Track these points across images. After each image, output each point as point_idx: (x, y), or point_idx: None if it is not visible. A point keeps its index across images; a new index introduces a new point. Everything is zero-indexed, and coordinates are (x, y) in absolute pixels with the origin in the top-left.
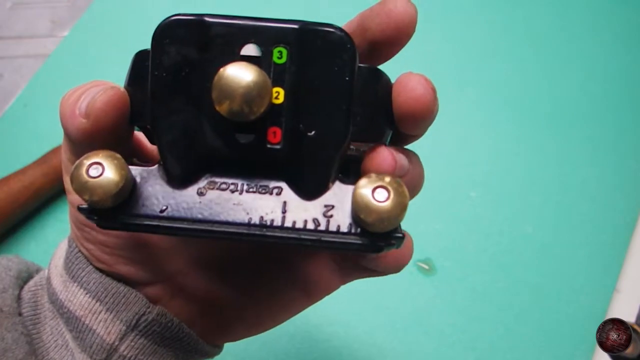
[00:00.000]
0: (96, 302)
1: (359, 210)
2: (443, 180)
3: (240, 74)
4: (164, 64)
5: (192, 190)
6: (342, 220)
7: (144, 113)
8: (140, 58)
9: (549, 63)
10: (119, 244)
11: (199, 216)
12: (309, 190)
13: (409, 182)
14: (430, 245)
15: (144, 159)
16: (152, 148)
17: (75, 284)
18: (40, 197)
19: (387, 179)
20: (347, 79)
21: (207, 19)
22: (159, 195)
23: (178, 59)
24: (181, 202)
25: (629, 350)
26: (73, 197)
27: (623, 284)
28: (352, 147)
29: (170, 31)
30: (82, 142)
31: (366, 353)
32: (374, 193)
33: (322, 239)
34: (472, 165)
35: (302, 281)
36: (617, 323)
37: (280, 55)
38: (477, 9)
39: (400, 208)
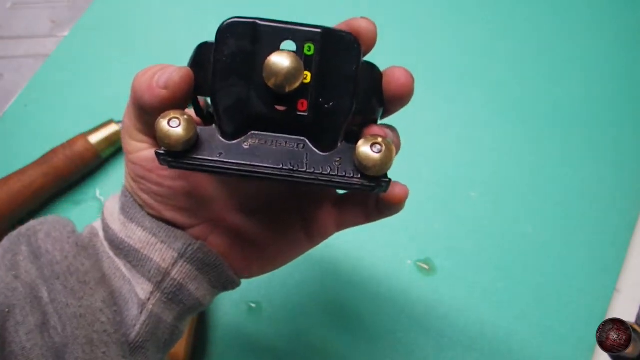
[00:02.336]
0: (152, 236)
1: (360, 159)
2: (443, 180)
3: (284, 59)
4: (224, 51)
5: (240, 142)
6: (347, 167)
7: (204, 87)
8: (202, 48)
9: (549, 63)
10: (169, 193)
11: (245, 160)
12: (325, 145)
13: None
14: (430, 245)
15: None
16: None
17: (134, 224)
18: (40, 197)
19: (379, 139)
20: (354, 68)
21: (258, 22)
22: (216, 144)
23: (235, 49)
24: (232, 149)
25: (629, 350)
26: (134, 156)
27: (623, 284)
28: (353, 128)
29: (231, 29)
30: (158, 108)
31: (366, 353)
32: (372, 147)
33: (333, 180)
34: (472, 165)
35: (308, 225)
36: (617, 323)
37: (309, 49)
38: (478, 9)
39: (388, 158)
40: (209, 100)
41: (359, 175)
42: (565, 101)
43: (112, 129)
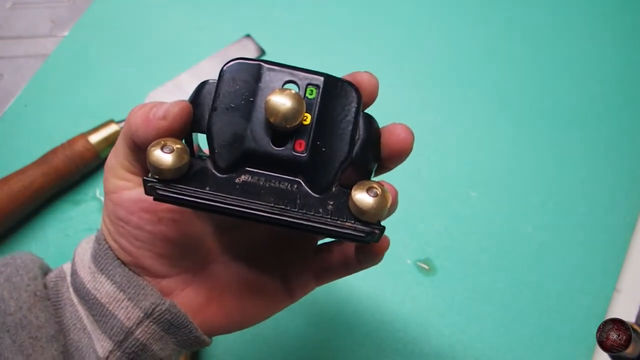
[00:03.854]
0: (120, 291)
1: (356, 202)
2: (443, 180)
3: (287, 96)
4: (227, 89)
5: (232, 177)
6: (341, 212)
7: (201, 123)
8: (202, 86)
9: (549, 63)
10: (148, 238)
11: (235, 196)
12: (319, 188)
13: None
14: (430, 245)
15: None
16: None
17: (103, 276)
18: (40, 197)
19: (375, 184)
20: (353, 117)
21: (263, 64)
22: (208, 177)
23: (238, 87)
24: (223, 184)
25: (629, 350)
26: (117, 196)
27: (623, 284)
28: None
29: (236, 68)
30: (154, 140)
31: (366, 353)
32: (368, 191)
33: (326, 223)
34: (472, 165)
35: (288, 279)
36: (617, 323)
37: (311, 92)
38: (477, 9)
39: (384, 203)
40: (199, 144)
41: (353, 221)
42: (565, 101)
43: (112, 129)
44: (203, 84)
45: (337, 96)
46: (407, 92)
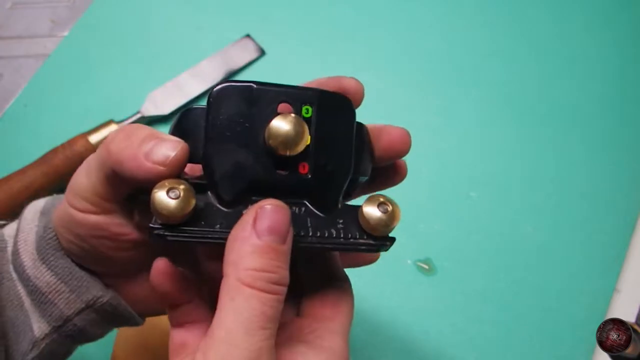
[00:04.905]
0: (62, 283)
1: (367, 218)
2: (443, 180)
3: (290, 123)
4: (219, 116)
5: (240, 210)
6: (352, 229)
7: (195, 154)
8: (187, 114)
9: (549, 63)
10: (102, 258)
11: None
12: (326, 207)
13: None
14: (430, 245)
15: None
16: None
17: (45, 266)
18: (40, 197)
19: (383, 198)
20: (351, 129)
21: (254, 85)
22: (215, 214)
23: (230, 113)
24: (233, 218)
25: (629, 350)
26: (81, 216)
27: (623, 284)
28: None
29: (225, 93)
30: (152, 182)
31: (366, 353)
32: (379, 206)
33: (340, 243)
34: (472, 165)
35: None
36: (617, 323)
37: (307, 111)
38: (477, 9)
39: (395, 216)
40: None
41: (365, 237)
42: (565, 101)
43: (112, 129)
44: (187, 112)
45: (332, 112)
46: (407, 91)
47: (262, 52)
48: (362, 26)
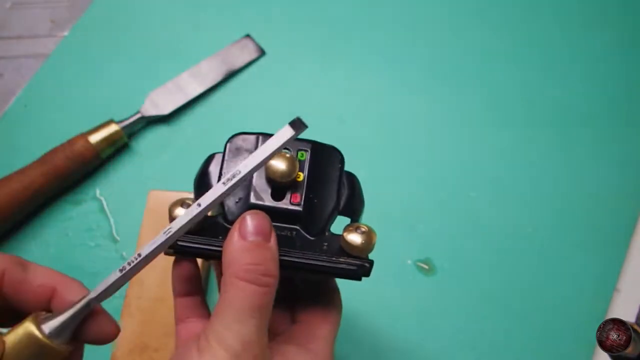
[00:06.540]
0: None
1: (347, 241)
2: (443, 180)
3: (283, 161)
4: (233, 158)
5: None
6: (334, 250)
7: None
8: (210, 158)
9: (549, 64)
10: None
11: None
12: (314, 233)
13: None
14: (430, 245)
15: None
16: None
17: None
18: (40, 197)
19: (361, 225)
20: (338, 174)
21: (260, 136)
22: (219, 228)
23: (240, 156)
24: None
25: (629, 350)
26: None
27: (623, 284)
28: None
29: (238, 140)
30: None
31: (366, 353)
32: (356, 230)
33: (321, 259)
34: (472, 165)
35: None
36: (617, 323)
37: (302, 155)
38: (477, 9)
39: (371, 240)
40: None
41: (346, 257)
42: (565, 101)
43: (112, 129)
44: (211, 157)
45: (324, 157)
46: (407, 91)
47: (262, 52)
48: (362, 26)
